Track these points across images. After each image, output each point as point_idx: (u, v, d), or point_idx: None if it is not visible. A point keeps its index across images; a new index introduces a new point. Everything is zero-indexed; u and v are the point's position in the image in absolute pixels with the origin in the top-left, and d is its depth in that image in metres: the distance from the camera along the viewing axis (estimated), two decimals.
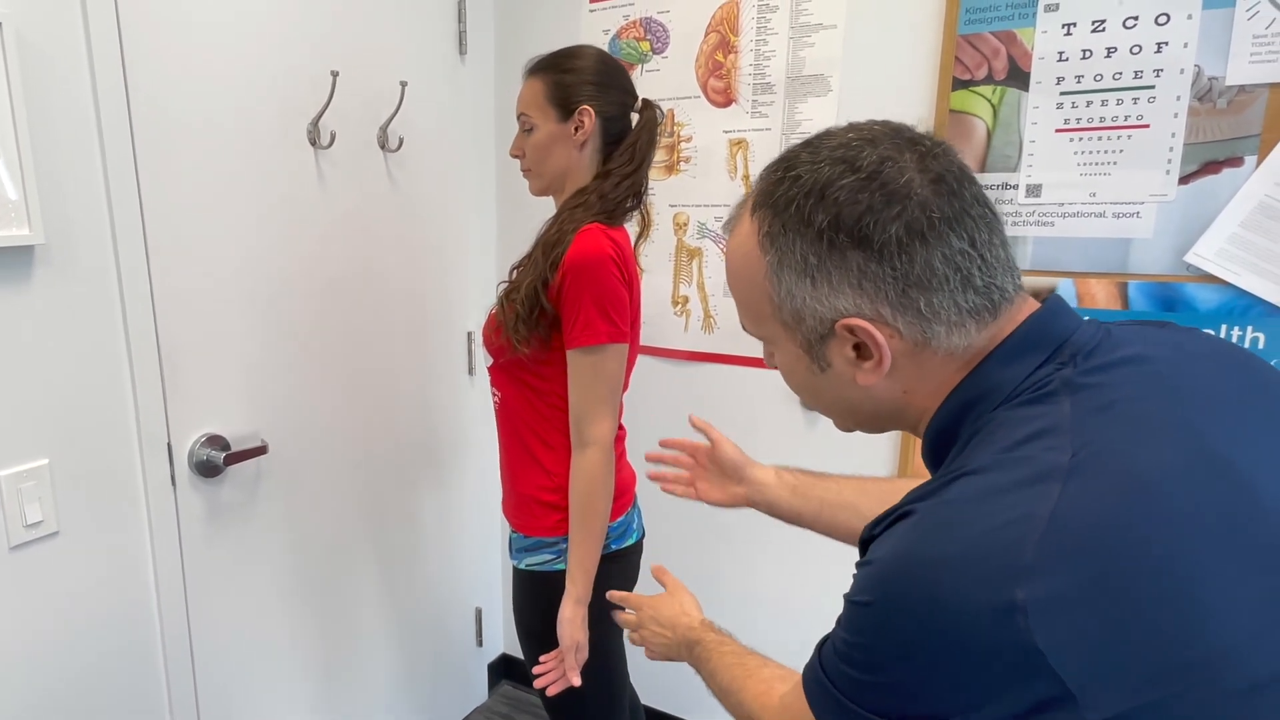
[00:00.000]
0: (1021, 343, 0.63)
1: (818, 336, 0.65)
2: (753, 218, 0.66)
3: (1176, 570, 0.51)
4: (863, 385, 0.65)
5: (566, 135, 1.30)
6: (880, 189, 0.60)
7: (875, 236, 0.59)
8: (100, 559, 1.32)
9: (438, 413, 2.06)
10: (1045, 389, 0.60)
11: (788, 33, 1.68)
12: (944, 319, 0.61)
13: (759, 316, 0.69)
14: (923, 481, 0.64)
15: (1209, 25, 1.33)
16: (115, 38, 1.24)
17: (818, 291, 0.63)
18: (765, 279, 0.65)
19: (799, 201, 0.62)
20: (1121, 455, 0.55)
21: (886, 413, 0.69)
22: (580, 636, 1.30)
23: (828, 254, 0.61)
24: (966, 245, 0.60)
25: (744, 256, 0.67)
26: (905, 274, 0.60)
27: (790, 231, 0.63)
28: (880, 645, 0.58)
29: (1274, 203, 1.32)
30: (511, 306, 1.27)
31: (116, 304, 1.29)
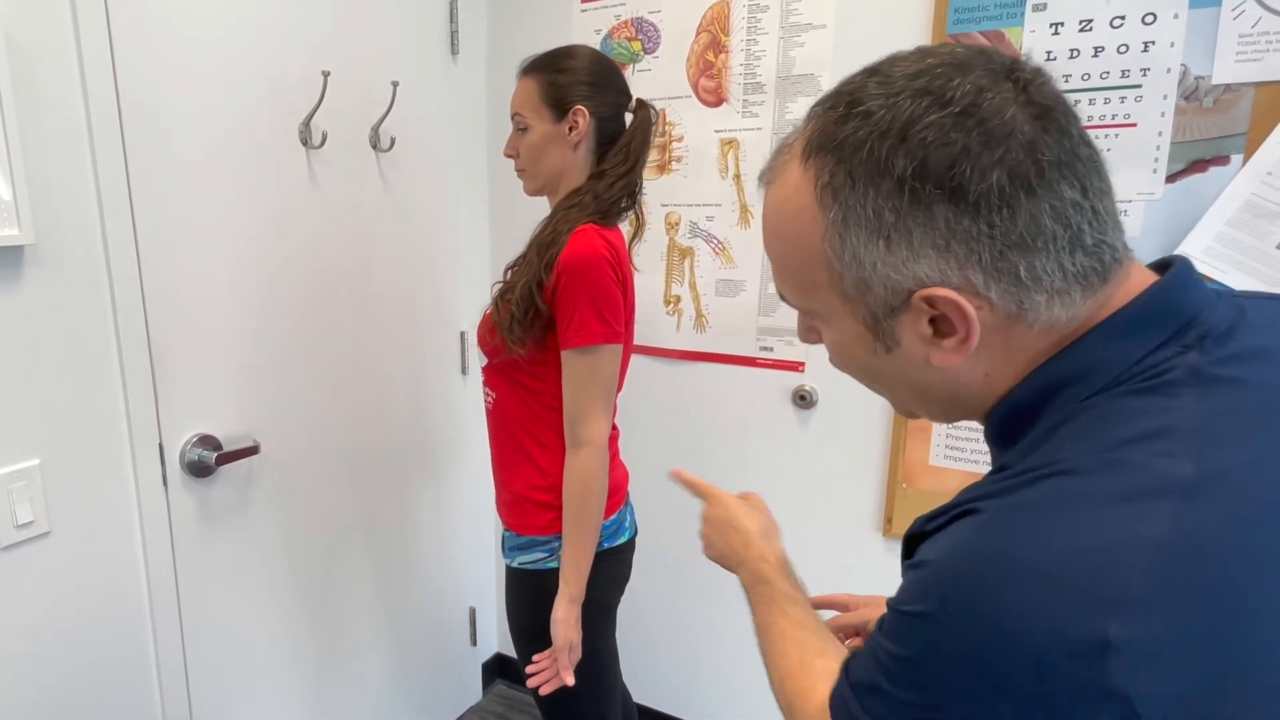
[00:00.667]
0: (1140, 316, 0.52)
1: (887, 310, 0.54)
2: (806, 165, 0.54)
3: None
4: (938, 367, 0.55)
5: (561, 136, 1.31)
6: (978, 127, 0.48)
7: (971, 186, 0.48)
8: (92, 559, 1.32)
9: (431, 413, 2.06)
10: (1164, 376, 0.50)
11: (778, 32, 1.69)
12: (1046, 286, 0.50)
13: (809, 286, 0.57)
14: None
15: (1195, 24, 1.34)
16: (105, 38, 1.24)
17: (892, 255, 0.51)
18: (823, 240, 0.54)
19: (873, 144, 0.50)
20: (1257, 478, 0.46)
21: (961, 398, 0.58)
22: (574, 636, 1.30)
23: (909, 209, 0.50)
24: (1078, 195, 0.49)
25: (794, 213, 0.55)
26: (1005, 232, 0.49)
27: (861, 181, 0.51)
28: (929, 663, 0.49)
29: (1260, 201, 1.33)
30: (506, 307, 1.28)
31: (107, 304, 1.29)
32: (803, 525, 1.88)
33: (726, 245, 1.83)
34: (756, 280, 1.81)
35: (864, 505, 1.79)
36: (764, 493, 1.93)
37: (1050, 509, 0.47)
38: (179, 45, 1.35)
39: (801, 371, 1.79)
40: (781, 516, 1.99)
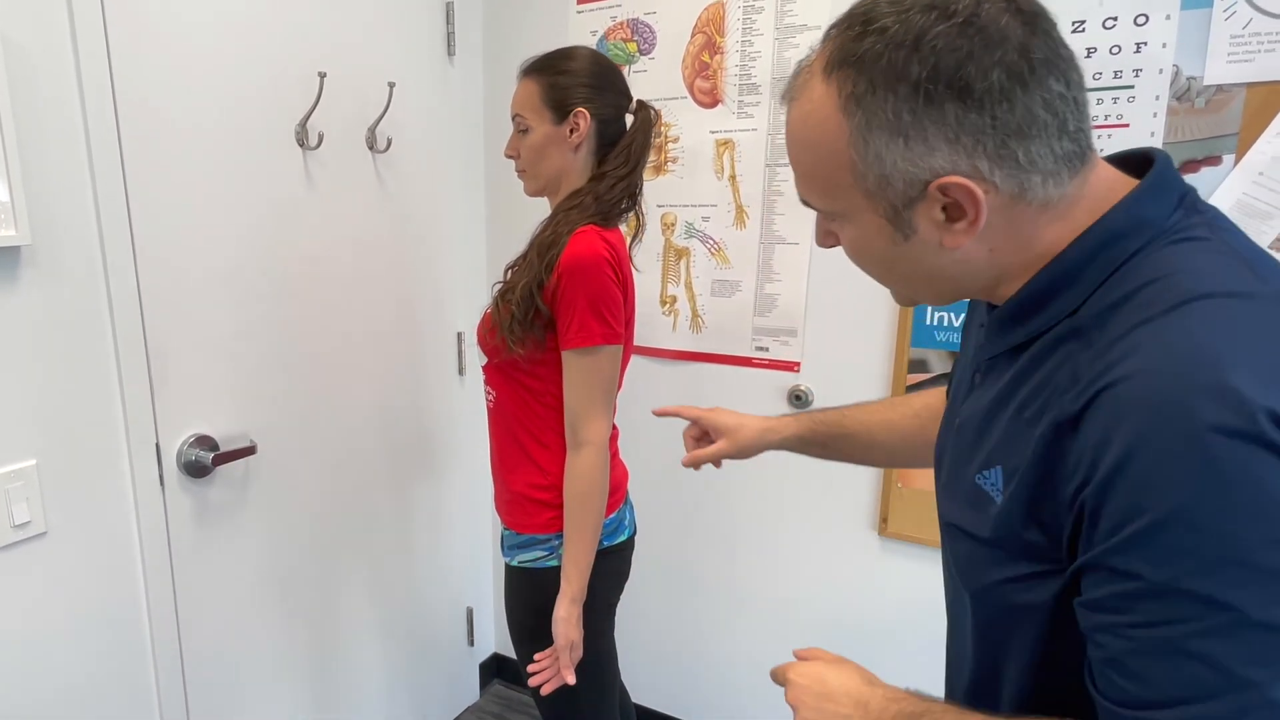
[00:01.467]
0: (1159, 185, 0.60)
1: (905, 201, 0.61)
2: (828, 80, 0.60)
3: None
4: (950, 248, 0.62)
5: (562, 137, 1.31)
6: (979, 34, 0.56)
7: (976, 85, 0.56)
8: (88, 559, 1.32)
9: (428, 413, 2.07)
10: (1192, 231, 0.59)
11: (773, 34, 1.70)
12: (1040, 168, 0.58)
13: (834, 188, 0.64)
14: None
15: (1187, 25, 1.35)
16: (101, 39, 1.24)
17: (911, 151, 0.58)
18: (848, 145, 0.60)
19: (889, 55, 0.57)
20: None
21: (967, 276, 0.65)
22: (575, 635, 1.30)
23: (924, 109, 0.57)
24: (1063, 88, 0.57)
25: (819, 124, 0.61)
26: (1005, 123, 0.56)
27: (881, 88, 0.57)
28: (1224, 509, 0.49)
29: (1252, 201, 1.34)
30: (507, 307, 1.28)
31: (104, 305, 1.29)
32: (799, 524, 1.89)
33: (722, 246, 1.84)
34: (752, 281, 1.82)
35: (860, 504, 1.79)
36: (761, 493, 1.95)
37: (1206, 329, 0.52)
38: (175, 46, 1.36)
39: (797, 371, 1.80)
40: (779, 515, 2.01)
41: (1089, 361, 0.57)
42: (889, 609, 1.79)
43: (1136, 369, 0.53)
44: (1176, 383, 0.50)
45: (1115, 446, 0.52)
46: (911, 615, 1.69)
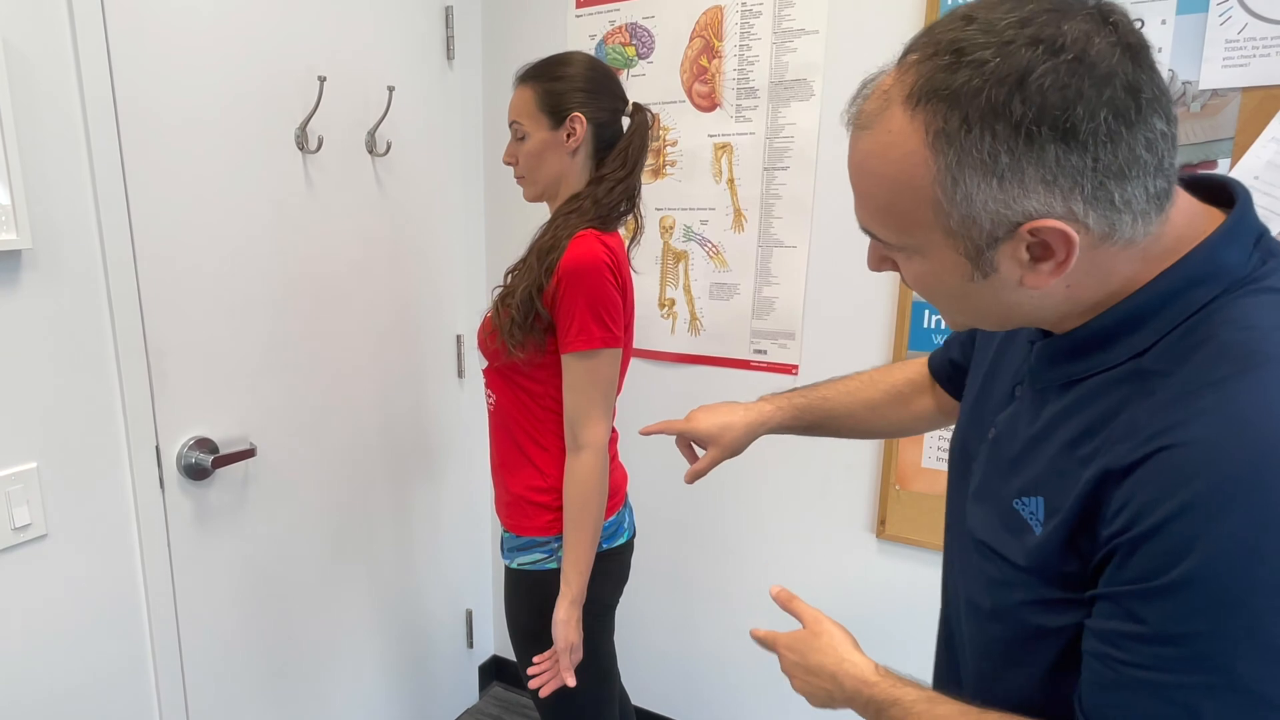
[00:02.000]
0: (1236, 228, 0.59)
1: (990, 241, 0.58)
2: (914, 111, 0.56)
3: None
4: (1030, 288, 0.59)
5: (559, 142, 1.32)
6: (1089, 72, 0.52)
7: (1082, 126, 0.52)
8: (89, 562, 1.33)
9: (427, 416, 2.07)
10: (1270, 280, 0.57)
11: (771, 38, 1.70)
12: (1133, 209, 0.56)
13: (910, 224, 0.60)
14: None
15: (1183, 30, 1.35)
16: (102, 43, 1.25)
17: (1004, 193, 0.55)
18: (934, 183, 0.57)
19: (989, 91, 0.53)
20: None
21: (1039, 311, 0.63)
22: (575, 638, 1.31)
23: (1024, 150, 0.53)
24: (1165, 125, 0.55)
25: (901, 158, 0.58)
26: (1107, 165, 0.54)
27: (977, 127, 0.54)
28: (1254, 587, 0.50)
29: None
30: (506, 311, 1.29)
31: (104, 308, 1.30)
32: (797, 527, 1.89)
33: (720, 249, 1.85)
34: (750, 283, 1.82)
35: (857, 507, 1.80)
36: (760, 496, 1.96)
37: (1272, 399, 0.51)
38: (176, 50, 1.36)
39: (795, 374, 1.80)
40: (776, 519, 2.01)
41: (1149, 413, 0.56)
42: (887, 611, 1.79)
43: (1201, 436, 0.52)
44: (1243, 456, 0.51)
45: (1165, 506, 0.52)
46: (910, 617, 1.69)
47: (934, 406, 1.08)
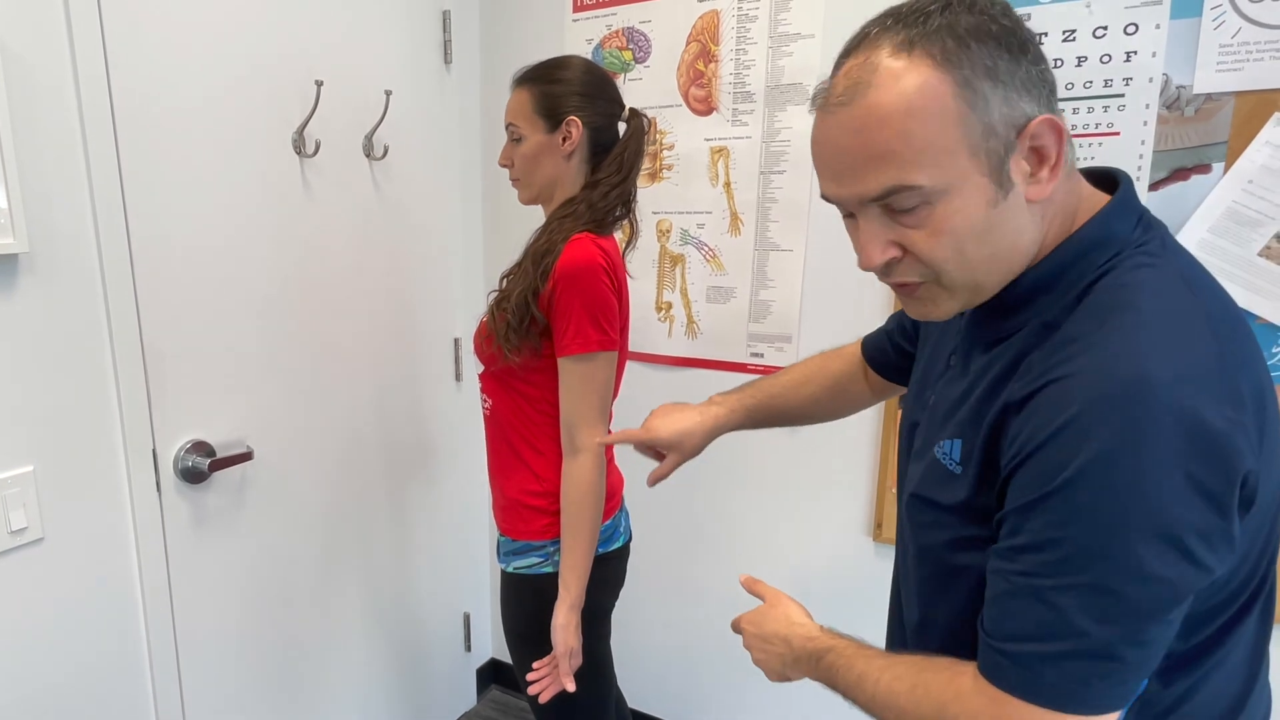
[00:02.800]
0: (1125, 204, 0.69)
1: (1007, 149, 0.64)
2: (912, 53, 0.63)
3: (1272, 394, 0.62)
4: (1034, 200, 0.66)
5: (554, 145, 1.32)
6: (1005, 11, 0.65)
7: (1030, 44, 0.64)
8: (85, 565, 1.33)
9: (425, 419, 2.07)
10: (1147, 245, 0.67)
11: (767, 42, 1.71)
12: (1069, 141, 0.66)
13: (939, 154, 0.63)
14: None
15: (1176, 35, 1.36)
16: (99, 47, 1.25)
17: (1008, 93, 0.63)
18: (955, 98, 0.62)
19: (964, 19, 0.63)
20: (1224, 302, 0.66)
21: (1023, 243, 0.68)
22: (574, 642, 1.31)
23: (1008, 59, 0.63)
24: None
25: (917, 91, 0.62)
26: (1049, 79, 0.64)
27: (973, 42, 0.62)
28: (1113, 494, 0.57)
29: (1242, 208, 1.35)
30: (502, 315, 1.29)
31: (101, 311, 1.30)
32: (794, 530, 1.90)
33: (717, 252, 1.85)
34: (747, 287, 1.83)
35: (854, 510, 1.80)
36: (756, 498, 1.96)
37: (1146, 341, 0.60)
38: (173, 54, 1.37)
39: None
40: (773, 521, 2.02)
41: (1043, 356, 0.65)
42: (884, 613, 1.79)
43: (1078, 369, 0.61)
44: (1109, 385, 0.59)
45: (1049, 426, 0.60)
46: None
47: (867, 390, 1.18)
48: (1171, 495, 0.56)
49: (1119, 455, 0.57)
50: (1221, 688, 0.69)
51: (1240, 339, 0.63)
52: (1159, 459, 0.56)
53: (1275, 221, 1.33)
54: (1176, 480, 0.56)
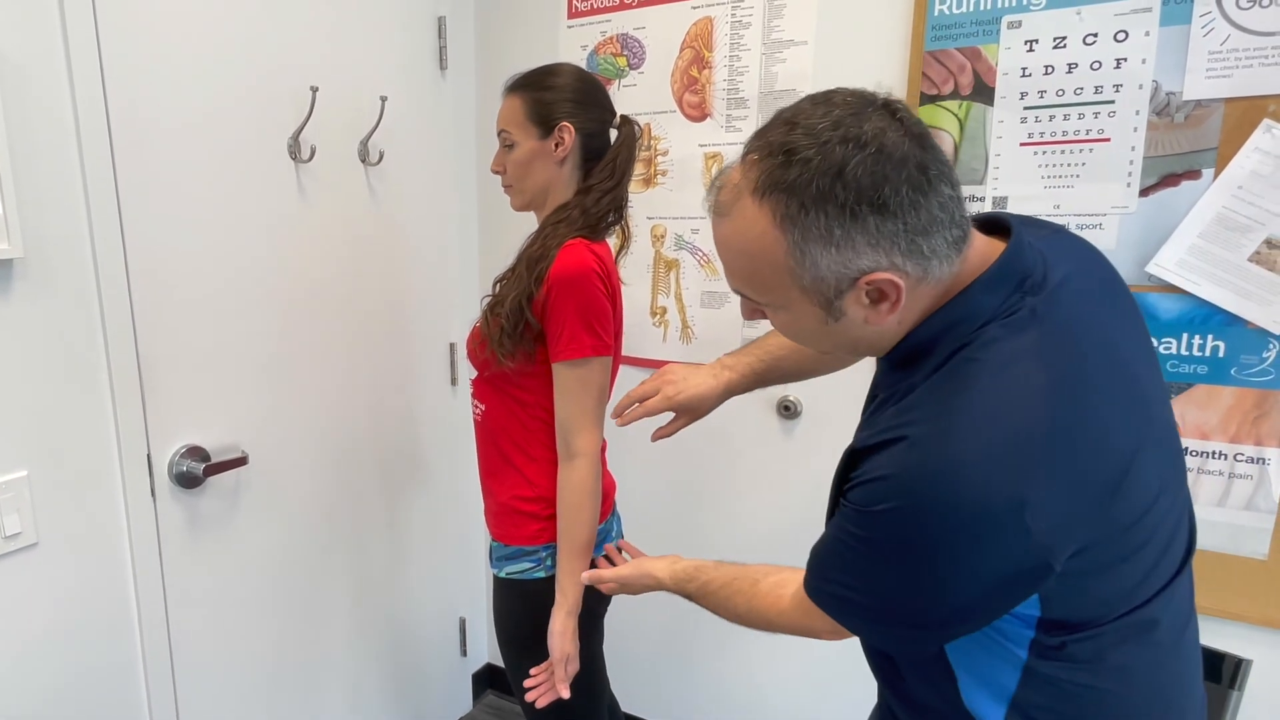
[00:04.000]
0: (999, 274, 0.74)
1: (837, 293, 0.73)
2: (761, 201, 0.71)
3: (1117, 448, 0.70)
4: (873, 325, 0.75)
5: (547, 152, 1.32)
6: (888, 159, 0.68)
7: (891, 201, 0.68)
8: (80, 570, 1.33)
9: (420, 423, 2.08)
10: (1016, 315, 0.73)
11: (760, 49, 1.72)
12: (940, 255, 0.71)
13: (771, 287, 0.76)
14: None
15: (1166, 41, 1.37)
16: (95, 53, 1.26)
17: (841, 256, 0.70)
18: (786, 255, 0.71)
19: (817, 182, 0.68)
20: (1078, 370, 0.72)
21: (881, 340, 0.79)
22: (570, 648, 1.31)
23: (850, 223, 0.68)
24: (950, 189, 0.71)
25: (758, 238, 0.72)
26: (913, 226, 0.69)
27: (813, 209, 0.69)
28: (905, 540, 0.71)
29: (1231, 214, 1.36)
30: (496, 320, 1.29)
31: (96, 316, 1.31)
32: (788, 532, 1.89)
33: (711, 257, 1.86)
34: None
35: None
36: (750, 501, 1.96)
37: (966, 424, 0.69)
38: (168, 60, 1.37)
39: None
40: (768, 524, 2.02)
41: (893, 415, 0.75)
42: None
43: (917, 435, 0.71)
44: (933, 462, 0.69)
45: (881, 470, 0.72)
46: None
47: None
48: (946, 571, 0.70)
49: (920, 516, 0.69)
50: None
51: (1087, 408, 0.70)
52: (940, 540, 0.69)
53: (1265, 227, 1.34)
54: (949, 558, 0.69)
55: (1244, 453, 1.41)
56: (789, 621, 0.92)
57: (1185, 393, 1.44)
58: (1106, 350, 0.75)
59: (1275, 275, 1.34)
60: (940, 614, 0.74)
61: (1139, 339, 0.83)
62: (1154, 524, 0.74)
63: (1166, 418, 0.81)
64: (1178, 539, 0.80)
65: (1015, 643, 0.77)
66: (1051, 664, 0.76)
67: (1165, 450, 0.78)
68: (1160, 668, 0.80)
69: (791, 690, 1.96)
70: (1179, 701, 0.83)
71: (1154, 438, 0.76)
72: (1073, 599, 0.73)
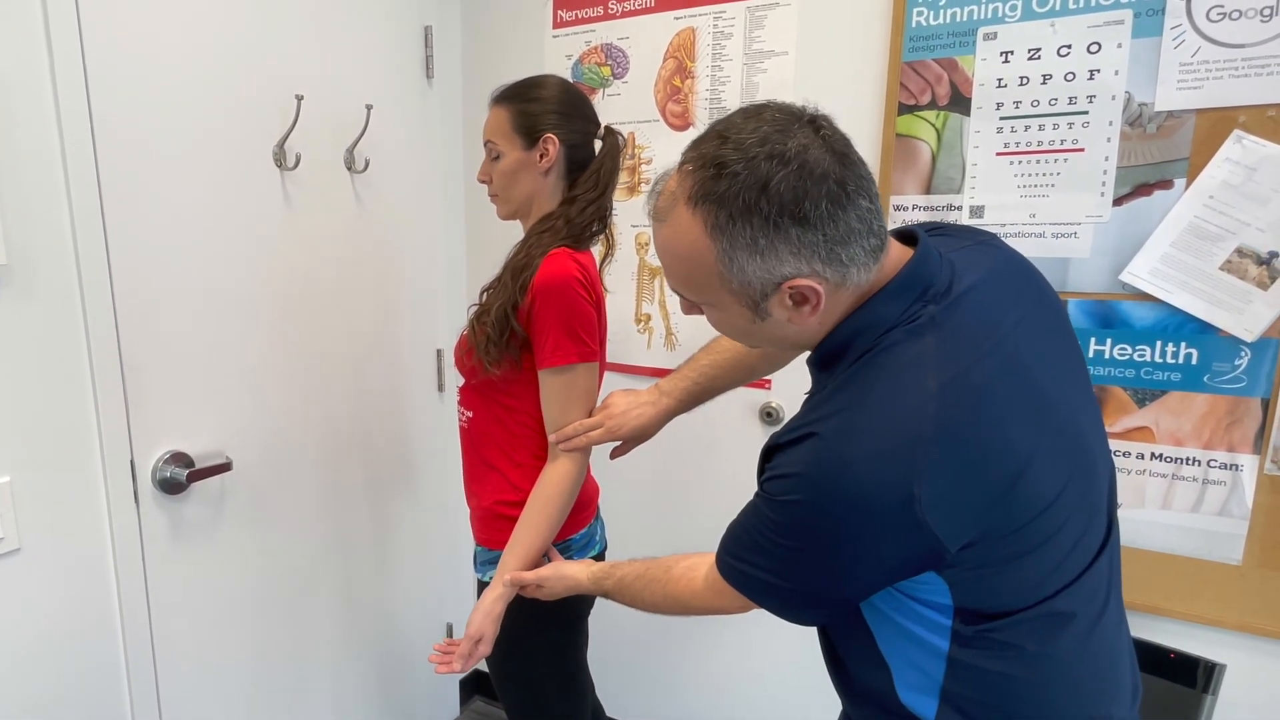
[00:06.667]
0: (902, 284, 0.81)
1: (762, 296, 0.79)
2: (694, 210, 0.77)
3: (1009, 449, 0.76)
4: (796, 325, 0.81)
5: (532, 163, 1.34)
6: (809, 175, 0.73)
7: (811, 213, 0.74)
8: (62, 576, 1.34)
9: (407, 429, 2.08)
10: (916, 322, 0.79)
11: (741, 59, 1.74)
12: (857, 262, 0.77)
13: (703, 288, 0.82)
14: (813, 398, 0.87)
15: (1138, 53, 1.39)
16: (79, 61, 1.27)
17: (766, 263, 0.76)
18: (716, 261, 0.78)
19: (743, 195, 0.74)
20: (971, 374, 0.77)
21: (804, 338, 0.85)
22: (488, 630, 1.29)
23: (774, 233, 0.74)
24: (869, 202, 0.77)
25: (690, 244, 0.79)
26: (832, 236, 0.75)
27: (739, 220, 0.75)
28: (807, 526, 0.79)
29: (1203, 224, 1.38)
30: (482, 329, 1.30)
31: (80, 323, 1.31)
32: None
33: None
34: None
35: None
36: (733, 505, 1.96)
37: (864, 424, 0.77)
38: (152, 68, 1.38)
39: (768, 389, 1.83)
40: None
41: (806, 411, 0.84)
42: None
43: (825, 432, 0.79)
44: (835, 455, 0.77)
45: (794, 466, 0.80)
46: None
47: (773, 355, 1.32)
48: (847, 557, 0.79)
49: (821, 509, 0.77)
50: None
51: (979, 410, 0.76)
52: (840, 532, 0.77)
53: (1236, 236, 1.36)
54: (849, 546, 0.78)
55: (1217, 459, 1.43)
56: (703, 602, 1.00)
57: (1159, 400, 1.45)
58: (1005, 356, 0.80)
59: (1246, 284, 1.37)
60: (839, 594, 0.84)
61: (1055, 346, 0.87)
62: (1056, 522, 0.79)
63: (1077, 421, 0.85)
64: (1090, 535, 0.85)
65: (936, 633, 0.83)
66: (972, 652, 0.82)
67: (1072, 452, 0.83)
68: (1079, 656, 0.85)
69: (774, 691, 1.97)
70: (1102, 688, 0.88)
71: (1055, 440, 0.80)
72: (978, 587, 0.79)
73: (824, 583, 0.83)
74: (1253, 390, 1.39)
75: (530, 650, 1.41)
